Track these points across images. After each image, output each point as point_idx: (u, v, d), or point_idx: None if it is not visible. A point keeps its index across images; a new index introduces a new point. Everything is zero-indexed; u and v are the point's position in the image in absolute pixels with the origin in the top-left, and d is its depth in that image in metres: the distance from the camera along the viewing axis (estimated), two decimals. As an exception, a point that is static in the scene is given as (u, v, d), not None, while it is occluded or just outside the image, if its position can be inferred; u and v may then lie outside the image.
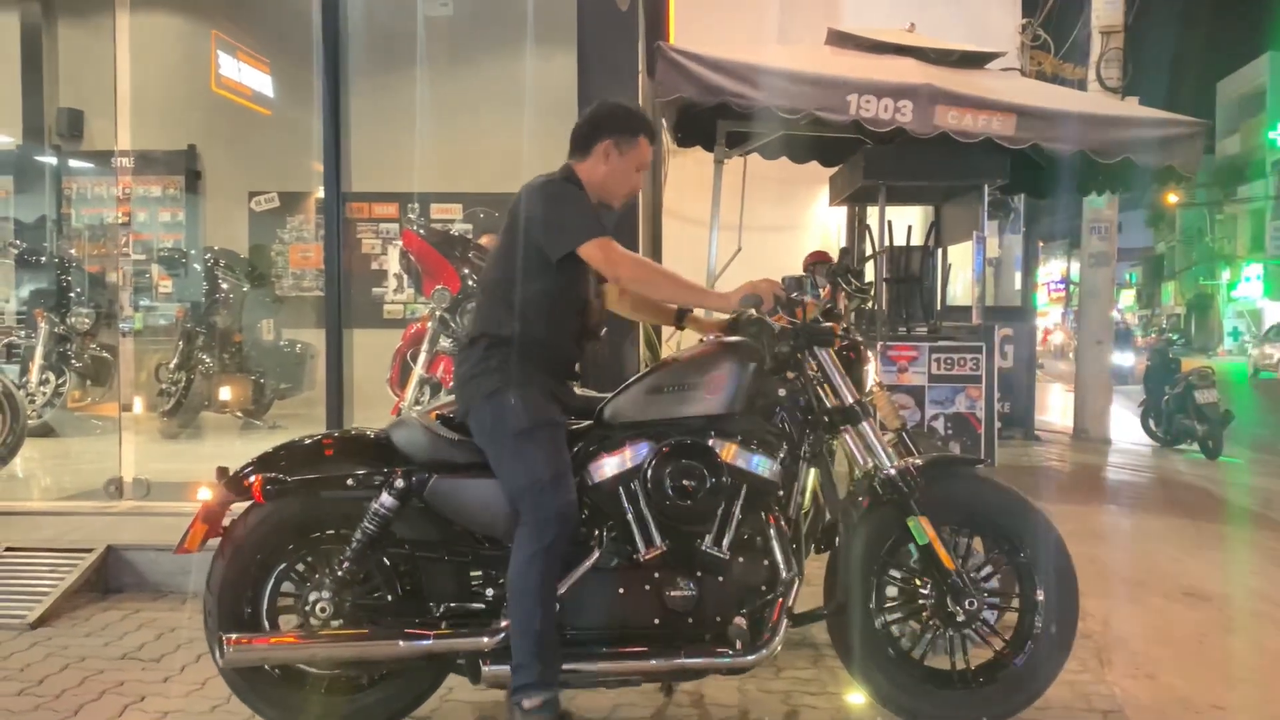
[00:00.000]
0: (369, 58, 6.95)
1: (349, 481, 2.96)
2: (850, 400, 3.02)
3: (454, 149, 8.93)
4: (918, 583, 3.11)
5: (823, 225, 11.11)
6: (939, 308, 7.97)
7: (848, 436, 3.04)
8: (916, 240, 7.95)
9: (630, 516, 2.94)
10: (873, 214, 7.59)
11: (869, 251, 7.53)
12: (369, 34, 7.05)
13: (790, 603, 2.91)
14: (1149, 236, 48.03)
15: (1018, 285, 12.04)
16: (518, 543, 2.85)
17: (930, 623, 3.09)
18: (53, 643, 3.86)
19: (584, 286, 3.07)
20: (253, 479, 2.94)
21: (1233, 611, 4.53)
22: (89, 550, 4.47)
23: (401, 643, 2.91)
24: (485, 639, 2.90)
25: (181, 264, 8.68)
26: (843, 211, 9.33)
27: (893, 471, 3.01)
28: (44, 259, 8.45)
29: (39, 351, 7.45)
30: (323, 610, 2.92)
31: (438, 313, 6.05)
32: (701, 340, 3.25)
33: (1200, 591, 4.76)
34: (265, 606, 3.03)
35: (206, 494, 3.02)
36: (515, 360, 2.93)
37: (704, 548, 2.92)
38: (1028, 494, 3.21)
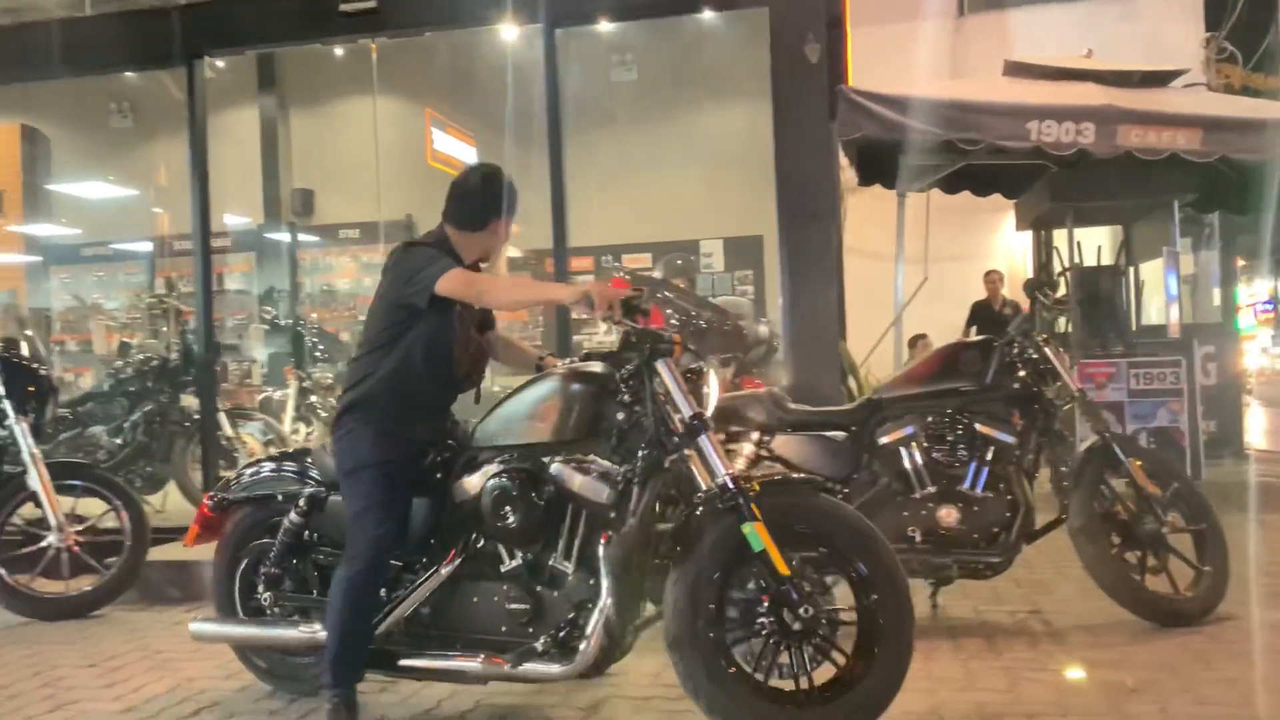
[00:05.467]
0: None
1: (279, 498, 3.59)
2: (688, 413, 3.00)
3: (642, 202, 9.50)
4: (756, 595, 2.98)
5: (1007, 251, 11.13)
6: (1134, 327, 7.94)
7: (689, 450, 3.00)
8: (1106, 260, 7.99)
9: (480, 533, 3.22)
10: (1059, 236, 7.67)
11: (1056, 273, 7.61)
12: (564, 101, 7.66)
13: (610, 616, 2.97)
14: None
15: (1216, 302, 11.68)
16: (339, 566, 3.27)
17: (770, 639, 2.94)
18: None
19: (447, 337, 3.25)
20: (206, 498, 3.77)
21: None
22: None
23: (297, 631, 3.45)
24: None
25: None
26: (1027, 236, 9.39)
27: (727, 479, 2.94)
28: (287, 323, 9.46)
29: (290, 404, 8.36)
30: (265, 600, 3.56)
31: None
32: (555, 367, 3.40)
33: None
34: (236, 594, 3.71)
35: (206, 503, 3.84)
36: (364, 407, 3.25)
37: (549, 564, 3.14)
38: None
